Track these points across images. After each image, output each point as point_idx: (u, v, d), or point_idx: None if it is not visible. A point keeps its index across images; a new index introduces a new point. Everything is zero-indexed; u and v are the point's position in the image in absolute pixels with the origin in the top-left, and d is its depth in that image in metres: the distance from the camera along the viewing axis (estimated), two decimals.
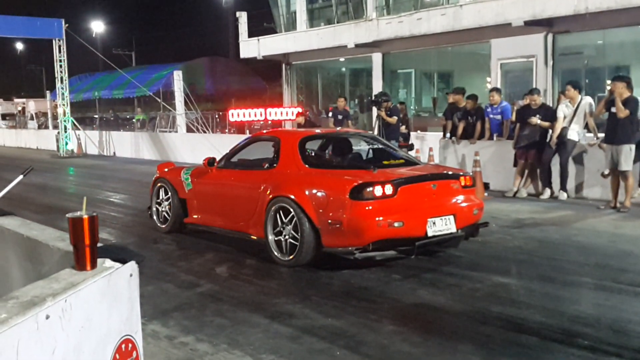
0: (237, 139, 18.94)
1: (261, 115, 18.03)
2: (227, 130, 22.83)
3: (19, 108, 41.80)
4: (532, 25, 14.97)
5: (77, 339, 2.18)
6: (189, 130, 21.73)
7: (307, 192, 5.99)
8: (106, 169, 18.04)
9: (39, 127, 33.46)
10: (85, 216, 2.43)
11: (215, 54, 40.15)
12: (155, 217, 8.02)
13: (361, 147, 7.68)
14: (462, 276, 5.72)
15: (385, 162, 6.76)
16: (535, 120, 9.93)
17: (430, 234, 5.82)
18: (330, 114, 13.70)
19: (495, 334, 4.26)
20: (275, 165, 6.63)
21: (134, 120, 30.78)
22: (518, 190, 10.29)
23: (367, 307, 4.89)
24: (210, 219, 7.29)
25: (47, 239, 3.12)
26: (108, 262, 2.51)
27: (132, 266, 2.52)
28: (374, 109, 13.41)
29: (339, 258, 5.94)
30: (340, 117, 13.51)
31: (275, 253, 6.22)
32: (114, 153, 22.90)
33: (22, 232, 3.36)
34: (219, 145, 18.12)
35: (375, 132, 11.17)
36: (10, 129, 34.80)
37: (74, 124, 23.74)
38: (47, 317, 2.04)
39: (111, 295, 2.42)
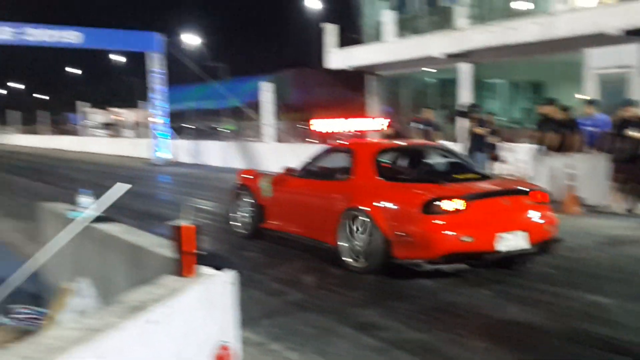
0: (320, 148, 19.17)
1: (345, 125, 18.16)
2: (312, 141, 23.11)
3: (117, 117, 44.02)
4: (629, 35, 14.26)
5: (178, 344, 2.29)
6: (276, 140, 22.15)
7: (379, 204, 6.15)
8: (197, 177, 18.69)
9: (135, 136, 35.11)
10: (187, 225, 2.55)
11: (303, 65, 40.76)
12: (234, 222, 8.40)
13: (437, 159, 7.63)
14: (553, 293, 5.53)
15: (459, 176, 6.76)
16: (634, 133, 9.46)
17: (499, 249, 5.84)
18: (415, 125, 13.59)
19: (588, 354, 4.09)
20: (349, 176, 6.84)
21: (224, 130, 31.72)
22: (614, 206, 9.82)
23: (456, 322, 4.82)
24: (287, 226, 7.58)
25: (148, 245, 3.30)
26: (207, 270, 2.62)
27: (229, 274, 2.63)
28: (462, 120, 13.18)
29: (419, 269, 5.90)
30: (426, 128, 13.36)
31: (346, 260, 6.41)
32: (205, 162, 23.67)
33: (126, 238, 3.57)
34: (304, 155, 18.37)
35: (464, 143, 10.99)
36: (109, 138, 36.74)
37: (169, 133, 24.75)
38: (151, 321, 2.15)
39: (209, 302, 2.53)
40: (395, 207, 6.05)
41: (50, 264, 4.90)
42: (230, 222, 8.37)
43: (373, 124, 18.12)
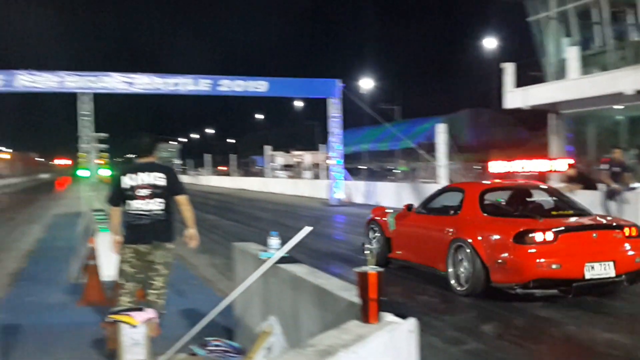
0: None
1: (523, 166, 17.42)
2: (488, 182, 22.46)
3: (297, 160, 46.38)
4: None
5: None
6: (450, 181, 21.85)
7: (480, 236, 7.05)
8: None
9: (313, 177, 36.65)
10: (372, 271, 2.61)
11: (477, 105, 40.04)
12: (366, 252, 8.69)
13: (540, 198, 8.38)
14: None
15: (555, 212, 7.63)
16: None
17: (587, 276, 6.49)
18: (605, 166, 12.64)
19: None
20: (459, 212, 7.81)
21: (396, 171, 31.98)
22: None
23: None
24: (408, 255, 8.66)
25: (332, 288, 3.41)
26: (390, 317, 2.65)
27: (412, 322, 2.64)
28: None
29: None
30: (616, 169, 12.38)
31: (453, 283, 7.37)
32: (378, 202, 23.99)
33: (311, 279, 3.72)
34: None
35: None
36: (289, 179, 38.74)
37: (346, 175, 25.54)
38: None
39: (393, 350, 2.54)
40: (494, 238, 6.96)
41: (240, 300, 5.26)
42: (365, 252, 8.65)
43: (554, 165, 17.18)
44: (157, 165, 5.40)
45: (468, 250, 7.06)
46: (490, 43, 36.19)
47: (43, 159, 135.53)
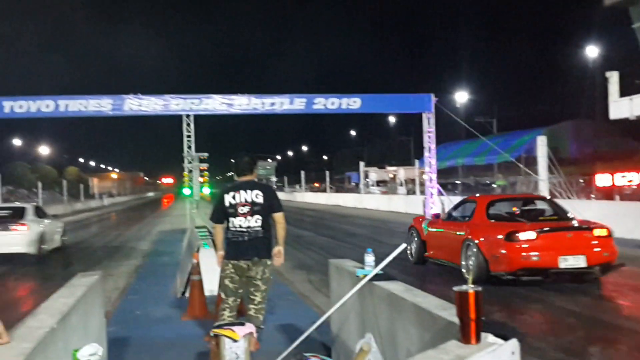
0: (604, 205, 17.56)
1: (632, 180, 16.42)
2: (592, 196, 21.37)
3: (391, 175, 46.18)
4: None
5: None
6: (551, 195, 20.97)
7: (483, 237, 9.04)
8: None
9: (408, 192, 36.32)
10: (471, 290, 2.57)
11: (577, 116, 38.34)
12: (408, 253, 11.56)
13: (534, 206, 10.24)
14: None
15: (543, 217, 9.54)
16: None
17: (562, 266, 8.43)
18: None
19: None
20: (470, 218, 9.85)
21: (494, 185, 31.11)
22: None
23: None
24: (437, 254, 10.82)
25: (430, 307, 3.37)
26: (491, 338, 2.59)
27: (514, 344, 2.56)
28: None
29: None
30: None
31: (464, 272, 9.32)
32: None
33: (408, 297, 3.70)
34: (583, 210, 17.03)
35: None
36: (382, 195, 38.60)
37: (439, 190, 25.13)
38: None
39: None
40: (491, 237, 8.91)
41: (337, 317, 5.30)
42: (407, 253, 11.50)
43: None
44: (257, 184, 5.57)
45: (475, 249, 9.04)
46: (592, 51, 34.63)
47: (149, 178, 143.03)
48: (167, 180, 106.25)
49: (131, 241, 19.00)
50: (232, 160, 5.75)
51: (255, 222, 5.40)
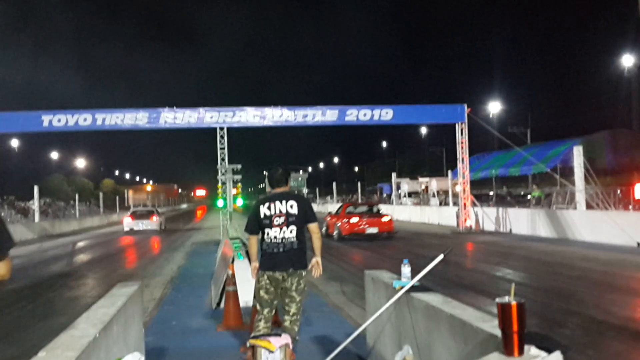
0: None
1: None
2: (630, 207, 20.89)
3: (423, 186, 45.84)
4: None
5: None
6: (588, 206, 20.59)
7: (341, 220, 22.18)
8: (502, 245, 18.29)
9: (440, 204, 36.02)
10: (514, 302, 2.53)
11: (613, 126, 37.60)
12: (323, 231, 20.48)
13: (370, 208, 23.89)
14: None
15: (367, 212, 22.83)
16: None
17: (367, 232, 21.28)
18: None
19: None
20: (339, 213, 23.65)
21: (529, 196, 30.65)
22: None
23: None
24: (331, 230, 22.89)
25: (469, 319, 3.33)
26: (534, 350, 2.55)
27: (557, 356, 2.51)
28: None
29: None
30: None
31: (334, 236, 22.50)
32: (510, 230, 23.09)
33: (446, 309, 3.66)
34: (622, 222, 16.70)
35: None
36: (415, 206, 38.35)
37: (472, 201, 24.88)
38: None
39: None
40: (343, 220, 21.82)
41: (372, 328, 5.27)
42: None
43: None
44: (291, 194, 5.59)
45: (339, 224, 21.85)
46: (627, 60, 34.05)
47: (182, 190, 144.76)
48: (200, 192, 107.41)
49: (166, 252, 19.23)
50: (265, 172, 5.79)
51: (290, 232, 5.41)
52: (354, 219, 21.45)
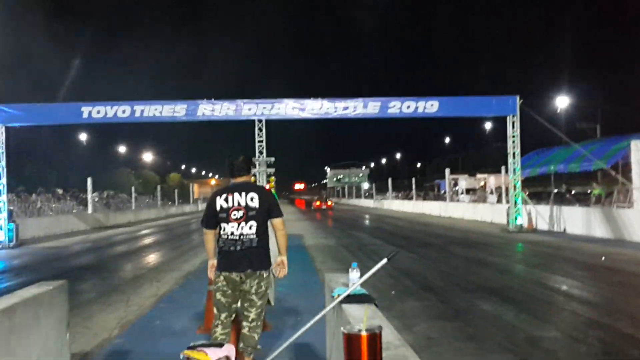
0: None
1: None
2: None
3: (481, 183, 44.25)
4: None
5: None
6: None
7: (316, 203, 65.45)
8: (551, 246, 17.00)
9: (497, 201, 34.52)
10: (364, 333, 1.84)
11: None
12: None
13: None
14: None
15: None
16: None
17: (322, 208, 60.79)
18: None
19: None
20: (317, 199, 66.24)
21: (590, 194, 28.89)
22: None
23: None
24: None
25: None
26: None
27: None
28: None
29: None
30: None
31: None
32: (564, 229, 21.65)
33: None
34: None
35: None
36: (469, 203, 36.93)
37: (524, 199, 23.53)
38: None
39: None
40: (316, 202, 65.35)
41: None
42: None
43: None
44: (252, 186, 4.97)
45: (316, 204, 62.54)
46: None
47: None
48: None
49: (199, 246, 19.00)
50: (226, 160, 5.16)
51: (250, 228, 4.78)
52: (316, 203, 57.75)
